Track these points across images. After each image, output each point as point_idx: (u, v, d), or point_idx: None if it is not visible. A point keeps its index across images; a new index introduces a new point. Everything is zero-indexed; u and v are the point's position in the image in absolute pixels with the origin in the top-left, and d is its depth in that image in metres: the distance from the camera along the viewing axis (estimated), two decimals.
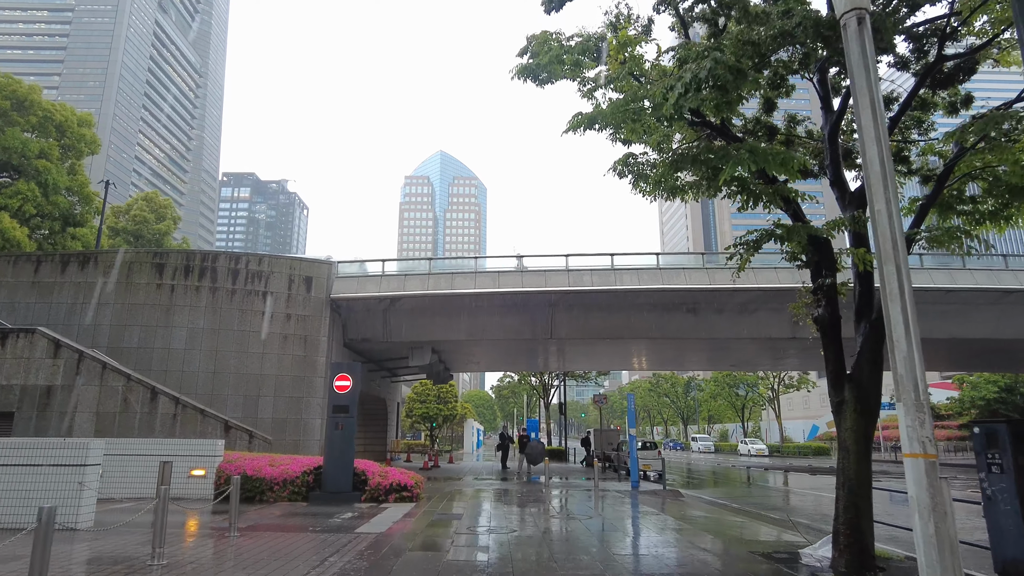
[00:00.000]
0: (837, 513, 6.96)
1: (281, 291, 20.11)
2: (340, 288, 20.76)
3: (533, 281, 20.88)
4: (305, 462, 13.25)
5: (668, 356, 32.49)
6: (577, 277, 20.99)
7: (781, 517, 11.82)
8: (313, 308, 20.38)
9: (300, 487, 12.70)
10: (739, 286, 20.92)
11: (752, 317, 22.95)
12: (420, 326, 22.38)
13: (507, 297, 21.28)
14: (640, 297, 21.72)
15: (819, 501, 16.01)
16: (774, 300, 22.29)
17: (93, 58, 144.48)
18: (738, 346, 27.24)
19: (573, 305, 22.29)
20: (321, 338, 20.25)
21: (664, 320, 22.64)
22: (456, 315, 22.28)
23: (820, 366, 40.67)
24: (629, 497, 15.30)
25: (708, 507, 13.47)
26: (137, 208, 35.17)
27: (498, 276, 20.98)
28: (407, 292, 20.58)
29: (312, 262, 20.92)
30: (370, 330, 22.43)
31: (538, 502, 13.86)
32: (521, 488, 17.29)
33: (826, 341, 7.66)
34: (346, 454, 13.00)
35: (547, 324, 22.63)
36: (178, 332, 18.83)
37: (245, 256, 20.11)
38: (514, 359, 30.71)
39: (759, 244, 7.65)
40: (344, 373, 13.41)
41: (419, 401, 42.65)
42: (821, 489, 19.62)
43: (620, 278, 20.98)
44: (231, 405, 18.78)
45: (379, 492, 12.67)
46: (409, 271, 20.97)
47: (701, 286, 20.85)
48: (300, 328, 20.09)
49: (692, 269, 21.34)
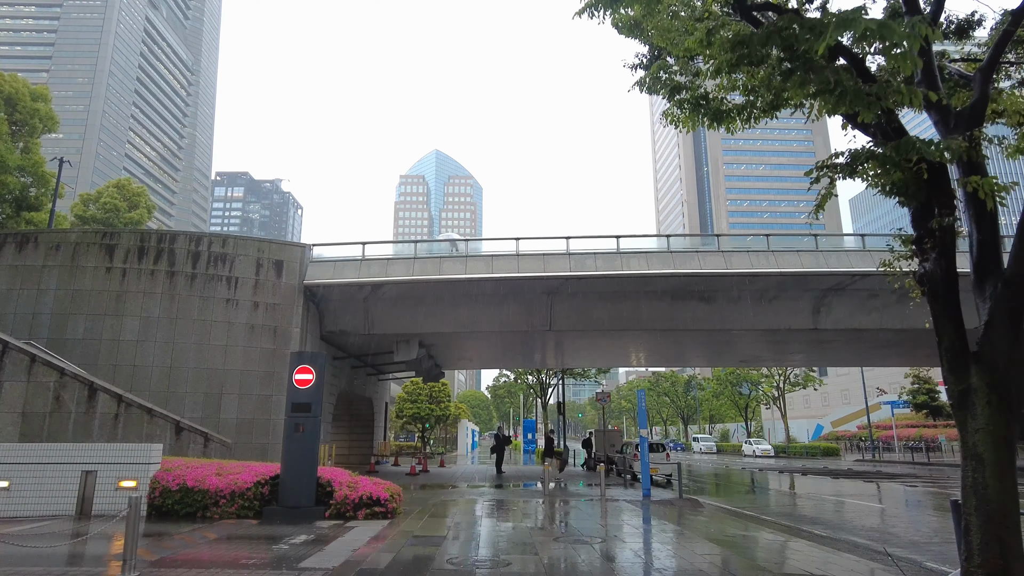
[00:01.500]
0: (969, 550, 4.87)
1: (248, 276, 17.95)
2: (315, 274, 18.60)
3: (530, 266, 18.76)
4: (260, 470, 11.11)
5: (671, 352, 30.37)
6: (579, 261, 18.88)
7: (848, 537, 9.74)
8: (284, 295, 18.22)
9: (252, 501, 10.56)
10: (759, 270, 18.89)
11: (770, 306, 20.90)
12: (406, 317, 20.24)
13: (502, 284, 19.16)
14: (649, 284, 19.64)
15: (869, 513, 13.93)
16: (795, 287, 20.27)
17: (82, 54, 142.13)
18: (745, 341, 25.22)
19: (575, 293, 20.18)
20: (293, 329, 18.09)
21: (675, 310, 20.56)
22: (445, 304, 20.15)
23: (826, 362, 38.40)
24: (642, 509, 13.21)
25: (743, 523, 11.38)
26: (108, 195, 32.90)
27: (491, 260, 18.85)
28: (390, 278, 18.43)
29: (283, 244, 18.77)
30: (350, 321, 20.28)
31: (541, 517, 11.76)
32: (521, 498, 15.16)
33: (937, 308, 5.54)
34: (307, 461, 10.86)
35: (546, 315, 20.52)
36: (130, 322, 16.64)
37: (207, 237, 17.95)
38: (510, 355, 28.59)
39: (854, 166, 5.50)
40: (306, 365, 11.27)
41: (410, 401, 40.48)
42: (859, 496, 17.55)
43: (627, 262, 18.88)
44: (189, 404, 16.60)
45: (346, 507, 10.53)
46: (393, 255, 18.84)
47: (717, 271, 18.77)
48: (269, 318, 17.93)
49: (707, 252, 19.26)
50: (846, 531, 10.78)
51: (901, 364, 36.06)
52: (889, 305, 20.96)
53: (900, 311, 20.99)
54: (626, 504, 13.86)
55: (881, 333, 22.19)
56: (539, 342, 24.23)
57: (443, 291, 19.45)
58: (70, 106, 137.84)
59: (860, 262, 19.29)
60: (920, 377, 53.00)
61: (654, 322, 20.71)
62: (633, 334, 22.64)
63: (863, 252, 19.59)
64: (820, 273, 18.99)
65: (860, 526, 11.57)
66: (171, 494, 10.26)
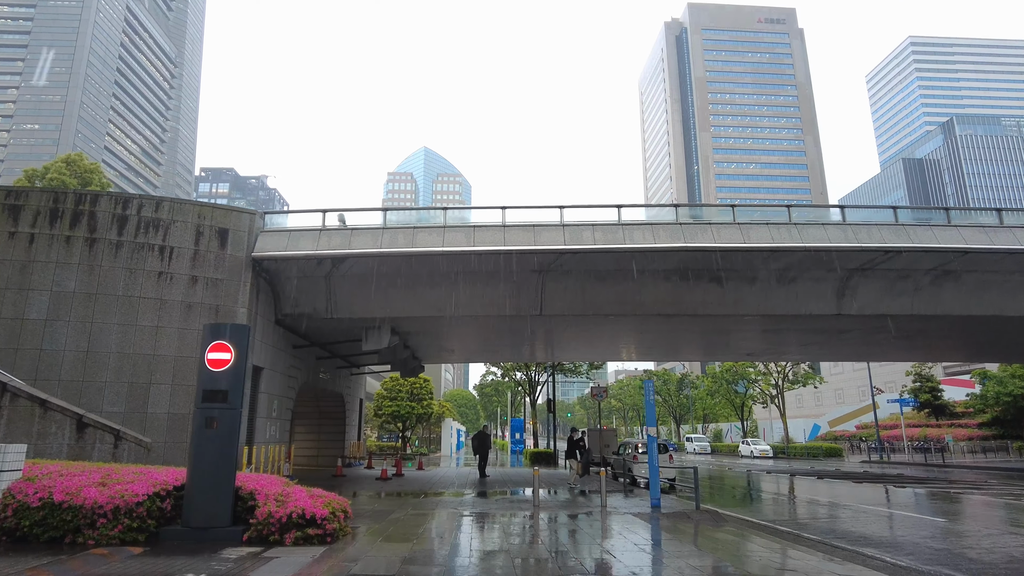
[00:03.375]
0: None
1: (185, 246, 15.21)
2: (266, 245, 15.90)
3: (519, 238, 16.19)
4: (161, 478, 8.43)
5: (673, 343, 27.93)
6: (575, 234, 16.34)
7: (942, 571, 7.27)
8: (229, 269, 15.51)
9: (144, 520, 7.89)
10: (780, 245, 16.46)
11: (789, 288, 18.50)
12: (375, 299, 17.59)
13: (485, 259, 16.58)
14: (654, 261, 17.15)
15: (932, 528, 11.50)
16: (818, 267, 17.89)
17: (59, 43, 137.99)
18: (756, 330, 22.91)
19: (569, 272, 17.65)
20: (238, 309, 15.38)
21: (682, 292, 18.10)
22: (421, 284, 17.53)
23: (841, 355, 35.78)
24: (655, 524, 10.70)
25: (785, 545, 8.87)
26: (55, 171, 29.92)
27: (473, 231, 16.25)
28: (353, 250, 15.76)
29: (228, 211, 16.05)
30: (309, 303, 17.60)
31: (528, 541, 9.20)
32: (507, 510, 12.58)
33: None
34: (222, 467, 8.22)
35: (535, 296, 17.97)
36: (37, 297, 13.86)
37: (137, 199, 15.18)
38: (496, 346, 26.03)
39: None
40: (222, 340, 8.60)
41: (389, 398, 37.83)
42: (903, 506, 15.17)
43: (630, 235, 16.37)
44: (110, 396, 13.86)
45: (271, 527, 7.90)
46: (357, 224, 16.18)
47: (733, 244, 16.31)
48: (210, 295, 15.21)
49: (722, 224, 16.79)
50: (924, 557, 8.32)
51: (922, 358, 33.71)
52: (921, 288, 18.65)
53: (934, 295, 18.70)
54: (634, 518, 11.34)
55: (909, 321, 19.89)
56: (528, 330, 21.68)
57: (417, 268, 16.84)
58: (46, 96, 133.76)
59: (893, 237, 16.94)
60: (922, 375, 51.09)
61: (658, 306, 18.23)
62: (634, 321, 20.15)
63: (896, 226, 17.24)
64: (849, 249, 16.60)
65: (934, 548, 9.11)
66: (30, 512, 7.56)
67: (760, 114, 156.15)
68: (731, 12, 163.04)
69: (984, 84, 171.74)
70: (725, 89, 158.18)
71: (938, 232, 17.10)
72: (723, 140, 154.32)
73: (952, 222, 17.54)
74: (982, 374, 45.06)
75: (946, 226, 17.36)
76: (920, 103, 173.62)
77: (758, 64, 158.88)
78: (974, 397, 46.25)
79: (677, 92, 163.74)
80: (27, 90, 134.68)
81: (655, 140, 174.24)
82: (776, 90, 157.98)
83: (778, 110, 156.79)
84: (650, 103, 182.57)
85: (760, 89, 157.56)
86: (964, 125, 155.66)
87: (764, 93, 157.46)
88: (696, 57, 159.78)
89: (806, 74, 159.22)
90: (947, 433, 42.13)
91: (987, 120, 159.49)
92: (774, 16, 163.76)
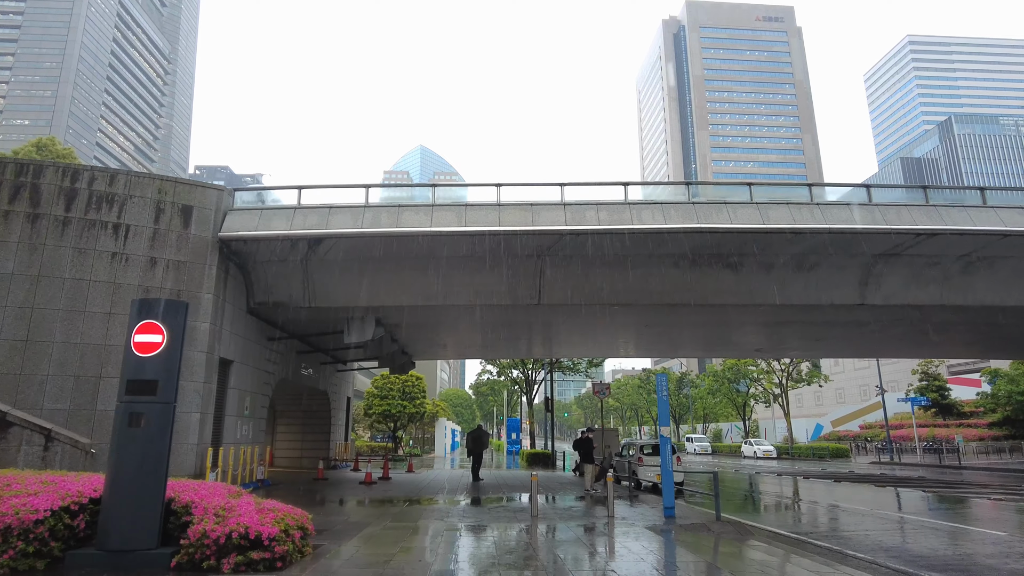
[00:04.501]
0: None
1: (144, 224, 13.61)
2: (235, 224, 14.30)
3: (515, 218, 14.64)
4: (76, 489, 6.85)
5: (666, 340, 26.33)
6: (578, 214, 14.80)
7: None
8: (193, 251, 13.91)
9: (47, 541, 6.32)
10: (802, 226, 14.95)
11: (810, 276, 17.01)
12: (357, 286, 16.02)
13: (479, 241, 15.02)
14: (663, 244, 15.61)
15: (996, 545, 10.01)
16: (841, 252, 16.40)
17: (50, 38, 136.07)
18: (769, 321, 21.43)
19: (570, 257, 16.11)
20: (203, 295, 13.78)
21: (694, 280, 16.58)
22: (408, 270, 15.95)
23: (858, 350, 33.57)
24: (670, 539, 9.17)
25: (835, 566, 7.35)
26: (23, 155, 28.21)
27: (464, 211, 14.69)
28: (332, 230, 14.17)
29: (193, 186, 14.44)
30: (285, 291, 16.01)
31: (524, 560, 7.66)
32: (501, 522, 11.03)
33: None
34: (150, 475, 6.65)
35: (534, 284, 16.43)
36: None
37: (88, 171, 13.57)
38: (490, 340, 24.46)
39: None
40: (151, 320, 7.03)
41: (379, 396, 36.21)
42: (948, 516, 13.68)
43: (638, 215, 14.83)
44: (52, 392, 12.25)
45: (206, 549, 6.33)
46: (336, 202, 14.60)
47: (752, 226, 14.79)
48: (172, 279, 13.62)
49: (738, 204, 15.27)
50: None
51: (944, 355, 32.06)
52: (951, 277, 17.19)
53: (965, 284, 17.23)
54: (647, 532, 9.81)
55: (937, 312, 18.43)
56: (525, 322, 20.15)
57: (404, 251, 15.26)
58: (37, 91, 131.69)
59: (925, 219, 15.46)
60: (928, 373, 49.75)
61: (667, 295, 16.71)
62: (639, 312, 18.61)
63: (927, 207, 15.75)
64: (877, 231, 15.10)
65: (1012, 571, 7.61)
66: None
67: (758, 112, 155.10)
68: (729, 10, 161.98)
69: (982, 83, 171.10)
70: (723, 87, 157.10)
71: (974, 214, 15.63)
72: (721, 139, 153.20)
73: (988, 203, 16.07)
74: (992, 372, 43.73)
75: (982, 207, 15.89)
76: (918, 102, 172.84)
77: (756, 62, 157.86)
78: (984, 396, 44.89)
79: (675, 91, 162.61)
80: (17, 85, 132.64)
81: (652, 139, 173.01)
82: (774, 88, 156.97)
83: (776, 109, 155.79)
84: (647, 102, 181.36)
85: (758, 88, 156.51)
86: (962, 124, 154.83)
87: (762, 92, 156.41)
88: (694, 55, 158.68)
89: (804, 73, 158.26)
90: (957, 433, 40.75)
91: (985, 119, 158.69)
92: (772, 14, 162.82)
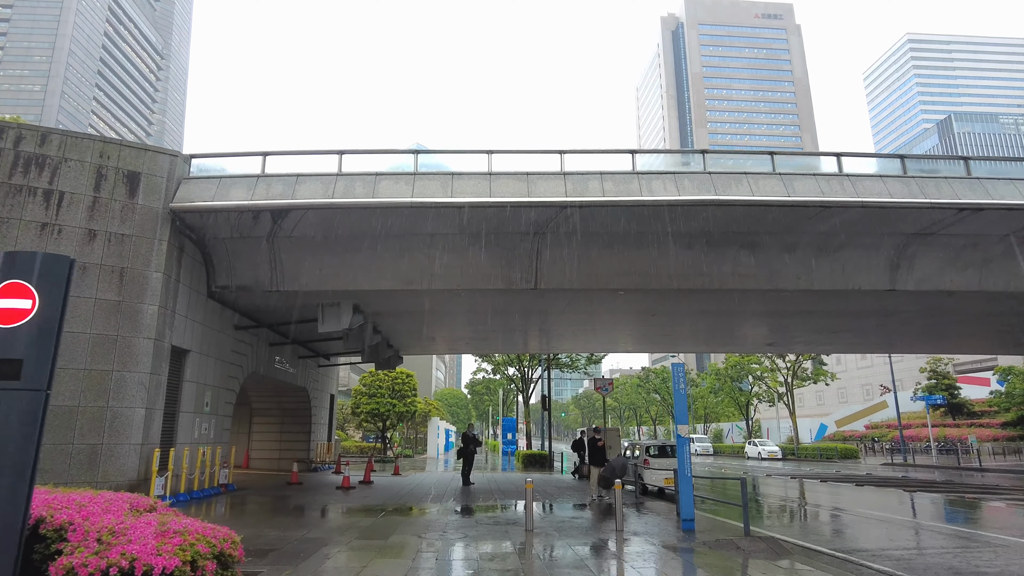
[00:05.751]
0: None
1: (81, 192, 11.83)
2: (189, 194, 12.53)
3: (509, 188, 12.91)
4: None
5: (670, 333, 24.36)
6: (580, 184, 13.07)
7: None
8: (139, 223, 12.14)
9: None
10: (832, 199, 13.26)
11: (835, 258, 15.33)
12: (330, 267, 14.27)
13: (467, 216, 13.29)
14: (675, 220, 13.88)
15: None
16: (871, 231, 14.74)
17: (39, 31, 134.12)
18: (767, 316, 19.82)
19: (571, 235, 14.36)
20: (151, 273, 12.02)
21: (708, 261, 14.87)
22: (388, 249, 14.20)
23: (881, 345, 30.82)
24: (697, 564, 7.47)
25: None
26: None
27: (451, 180, 12.95)
28: (299, 200, 12.41)
29: (141, 150, 12.65)
30: (250, 272, 14.24)
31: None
32: (489, 540, 9.30)
33: None
34: (6, 490, 4.89)
35: (530, 266, 14.70)
36: None
37: (14, 129, 11.81)
38: (483, 333, 22.73)
39: None
40: (18, 280, 5.24)
41: (367, 395, 34.42)
42: (1001, 527, 12.02)
43: (648, 186, 13.12)
44: None
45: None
46: (305, 171, 12.86)
47: (776, 198, 13.10)
48: (114, 255, 11.85)
49: (760, 175, 13.57)
50: None
51: (972, 350, 29.97)
52: (992, 259, 15.51)
53: (1008, 268, 15.56)
54: (665, 553, 8.10)
55: (972, 299, 16.76)
56: (520, 311, 18.42)
57: (382, 228, 13.50)
58: (26, 86, 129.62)
59: (968, 192, 13.79)
60: (938, 372, 48.27)
61: (678, 278, 14.99)
62: (646, 299, 16.88)
63: (970, 180, 14.09)
64: (915, 206, 13.41)
65: None
66: None
67: (757, 110, 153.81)
68: (728, 7, 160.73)
69: (982, 82, 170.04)
70: (722, 85, 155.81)
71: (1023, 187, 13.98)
72: (720, 136, 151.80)
73: None
74: (1005, 371, 42.24)
75: None
76: (918, 100, 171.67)
77: (755, 60, 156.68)
78: (998, 395, 43.41)
79: (673, 88, 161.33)
80: (5, 79, 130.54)
81: (651, 137, 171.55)
82: (773, 86, 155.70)
83: (775, 106, 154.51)
84: (646, 99, 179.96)
85: (757, 85, 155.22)
86: (962, 123, 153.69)
87: (761, 89, 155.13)
88: (693, 53, 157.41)
89: (803, 70, 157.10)
90: (969, 433, 39.24)
91: (985, 118, 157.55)
92: (771, 12, 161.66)
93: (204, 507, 12.00)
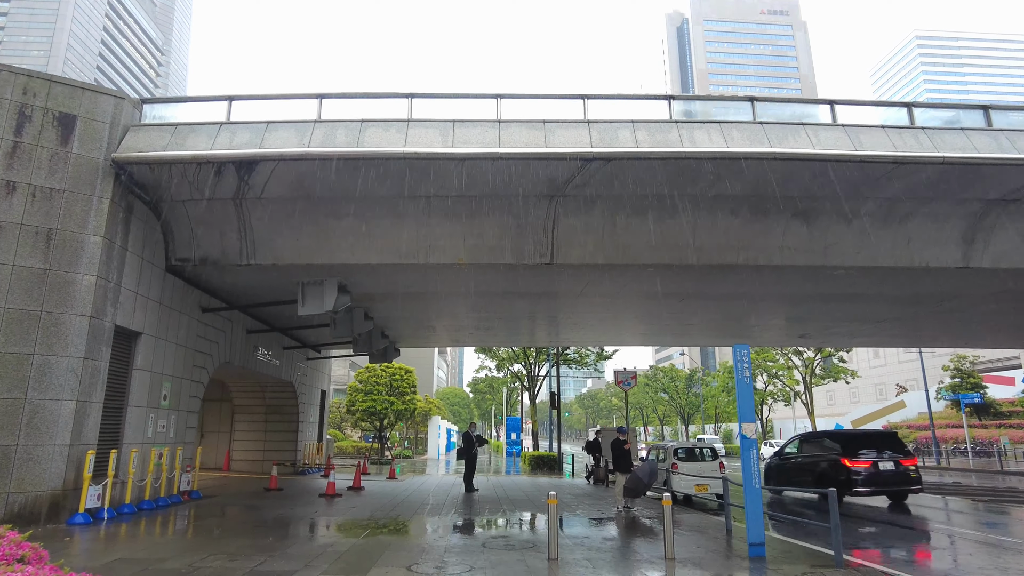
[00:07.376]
0: None
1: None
2: (138, 143, 10.37)
3: (522, 137, 10.74)
4: None
5: (685, 322, 21.71)
6: (607, 133, 10.89)
7: None
8: (73, 176, 9.98)
9: None
10: (906, 154, 11.05)
11: (899, 230, 13.11)
12: (309, 236, 12.10)
13: (471, 172, 11.09)
14: (719, 181, 11.68)
15: None
16: (945, 196, 12.54)
17: (37, 26, 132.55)
18: (796, 300, 17.55)
19: (593, 200, 12.17)
20: (88, 237, 9.87)
21: (755, 230, 12.68)
22: (377, 215, 12.02)
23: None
24: None
25: None
26: None
27: (452, 127, 10.77)
28: (269, 149, 10.24)
29: (79, 89, 10.49)
30: (215, 241, 12.07)
31: None
32: (495, 569, 7.12)
33: None
34: None
35: (544, 237, 12.51)
36: None
37: None
38: (487, 322, 20.53)
39: None
40: None
41: (364, 392, 32.25)
42: None
43: (690, 136, 10.94)
44: None
45: None
46: (276, 118, 10.72)
47: (844, 152, 10.90)
48: (40, 214, 9.69)
49: (819, 125, 11.40)
50: None
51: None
52: None
53: None
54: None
55: None
56: (530, 294, 16.19)
57: (370, 188, 11.30)
58: None
59: None
60: (962, 370, 45.98)
61: (720, 252, 12.79)
62: (682, 278, 14.45)
63: None
64: (1010, 162, 11.21)
65: None
66: None
67: None
68: (733, 3, 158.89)
69: (990, 79, 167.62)
70: (727, 81, 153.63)
71: None
72: None
73: None
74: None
75: None
76: (925, 98, 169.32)
77: (761, 56, 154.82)
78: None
79: (678, 85, 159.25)
80: None
81: None
82: (779, 83, 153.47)
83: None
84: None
85: (763, 82, 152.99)
86: None
87: (767, 86, 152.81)
88: (698, 48, 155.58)
89: (809, 67, 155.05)
90: (1001, 435, 36.99)
91: None
92: (777, 8, 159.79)
93: (148, 523, 9.83)
